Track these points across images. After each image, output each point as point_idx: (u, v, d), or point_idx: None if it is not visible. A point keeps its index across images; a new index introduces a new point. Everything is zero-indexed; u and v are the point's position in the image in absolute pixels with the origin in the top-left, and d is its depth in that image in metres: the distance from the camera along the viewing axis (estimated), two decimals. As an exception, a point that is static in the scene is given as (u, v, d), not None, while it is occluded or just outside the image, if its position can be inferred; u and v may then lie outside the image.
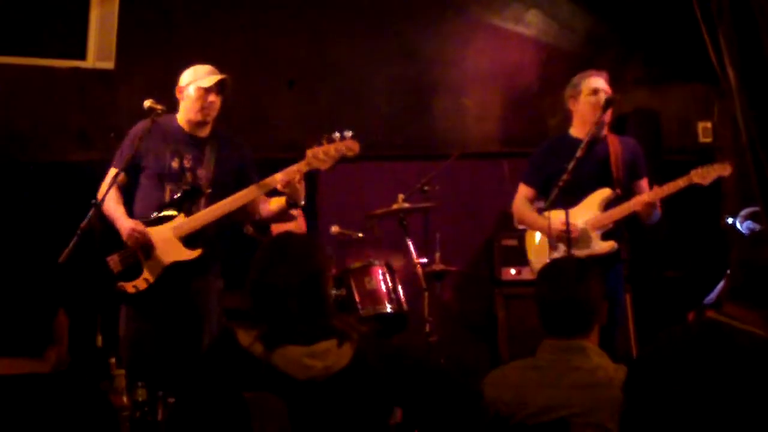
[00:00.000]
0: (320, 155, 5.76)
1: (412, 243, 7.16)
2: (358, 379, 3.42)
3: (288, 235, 3.82)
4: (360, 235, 7.55)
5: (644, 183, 6.43)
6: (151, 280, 5.70)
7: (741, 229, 6.90)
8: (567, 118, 6.56)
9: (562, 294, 3.77)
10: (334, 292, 6.90)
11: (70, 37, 6.81)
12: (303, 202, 5.93)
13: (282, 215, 6.08)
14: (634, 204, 6.20)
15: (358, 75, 8.77)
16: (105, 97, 6.07)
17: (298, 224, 7.43)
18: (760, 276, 3.13)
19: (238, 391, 3.35)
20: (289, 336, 3.39)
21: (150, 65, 7.53)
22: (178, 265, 5.74)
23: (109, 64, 6.90)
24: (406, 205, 7.20)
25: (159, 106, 5.76)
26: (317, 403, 3.36)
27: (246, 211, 5.97)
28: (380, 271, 7.05)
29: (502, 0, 8.95)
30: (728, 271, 3.26)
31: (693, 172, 6.14)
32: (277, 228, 7.29)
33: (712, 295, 6.81)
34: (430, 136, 8.84)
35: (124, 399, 4.67)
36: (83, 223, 5.32)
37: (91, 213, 5.35)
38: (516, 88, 8.95)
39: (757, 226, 6.81)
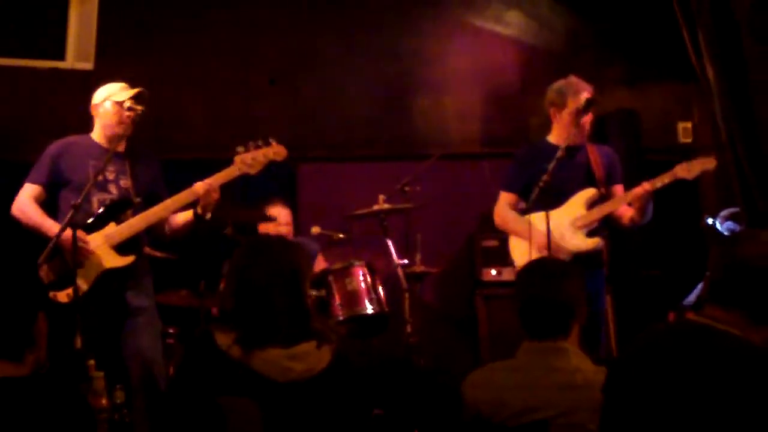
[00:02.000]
0: (248, 160, 5.94)
1: (393, 244, 7.15)
2: (338, 381, 3.41)
3: (266, 235, 3.83)
4: (341, 235, 7.53)
5: (620, 189, 6.42)
6: (85, 287, 5.75)
7: (721, 229, 6.91)
8: (548, 120, 6.56)
9: (540, 295, 3.76)
10: (314, 292, 6.89)
11: (49, 37, 6.78)
12: (209, 216, 5.99)
13: (187, 228, 6.14)
14: (633, 194, 6.16)
15: (339, 74, 8.76)
16: (84, 98, 6.05)
17: (282, 227, 7.47)
18: (738, 275, 3.12)
19: (216, 395, 3.34)
20: (268, 337, 3.38)
21: (130, 66, 7.50)
22: (112, 271, 5.83)
23: (88, 65, 6.88)
24: (387, 205, 7.20)
25: (131, 96, 5.90)
26: (297, 405, 3.35)
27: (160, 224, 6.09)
28: (361, 272, 7.01)
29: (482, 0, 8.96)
30: (707, 272, 3.25)
31: (678, 167, 6.14)
32: (286, 228, 7.42)
33: (692, 296, 6.82)
34: (411, 136, 8.83)
35: (103, 401, 4.63)
36: (62, 226, 5.47)
37: (69, 215, 5.45)
38: (497, 88, 8.95)
39: (737, 227, 6.82)
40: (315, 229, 7.50)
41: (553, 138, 6.40)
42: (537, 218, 6.02)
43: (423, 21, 8.86)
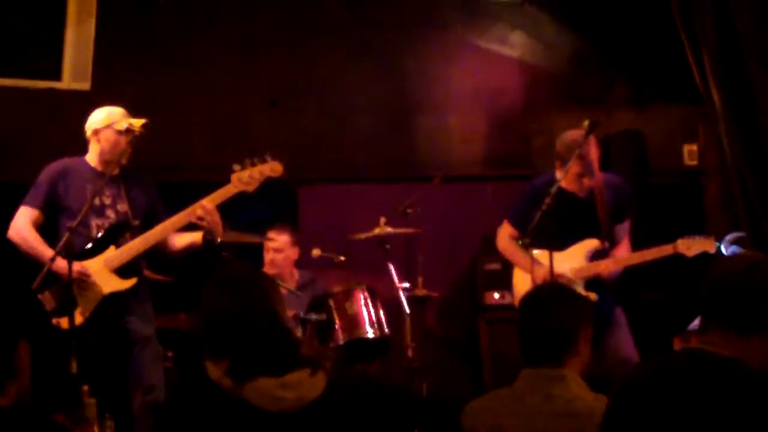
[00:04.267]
0: (245, 178, 5.85)
1: (394, 267, 7.08)
2: (332, 410, 3.35)
3: (233, 264, 3.79)
4: (342, 258, 7.46)
5: (625, 226, 6.52)
6: (87, 313, 5.74)
7: (726, 254, 6.83)
8: (552, 146, 6.51)
9: (539, 321, 3.72)
10: (314, 316, 6.87)
11: (46, 57, 6.76)
12: (219, 240, 5.92)
13: (190, 251, 6.10)
14: (614, 266, 6.37)
15: (341, 94, 8.70)
16: (81, 118, 6.00)
17: (288, 250, 7.42)
18: (716, 294, 3.13)
19: (209, 427, 3.28)
20: (258, 367, 3.32)
21: (126, 86, 7.45)
22: (114, 296, 5.80)
23: (85, 85, 6.85)
24: (389, 228, 7.12)
25: (137, 126, 5.82)
26: (289, 435, 3.28)
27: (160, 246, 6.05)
28: (362, 296, 6.97)
29: (486, 21, 8.89)
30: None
31: (680, 242, 6.30)
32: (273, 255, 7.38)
33: (697, 321, 6.73)
34: (413, 157, 8.76)
35: (95, 429, 4.58)
36: (57, 248, 5.44)
37: (65, 239, 5.40)
38: (500, 110, 8.89)
39: (742, 252, 6.76)
40: (315, 252, 7.44)
41: (564, 182, 6.31)
42: (540, 255, 6.05)
43: (426, 41, 8.81)
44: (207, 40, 8.50)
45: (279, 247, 7.42)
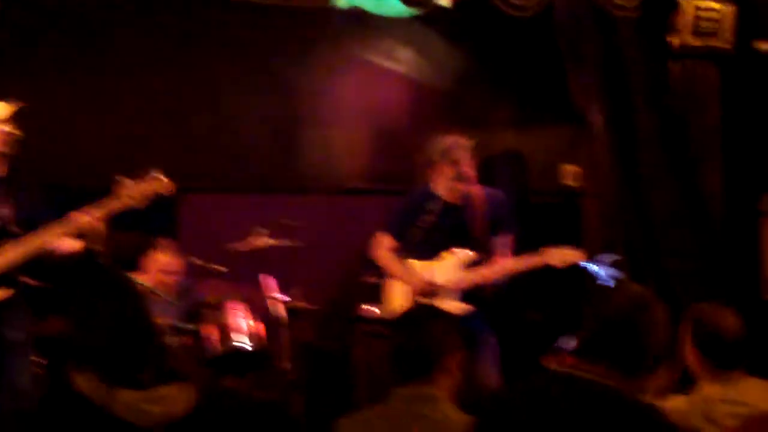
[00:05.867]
0: (136, 195, 5.81)
1: (273, 279, 7.05)
2: (200, 426, 3.32)
3: (108, 273, 3.73)
4: (221, 268, 7.40)
5: (506, 241, 6.59)
6: None
7: (601, 275, 6.94)
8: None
9: (409, 338, 3.77)
10: (190, 326, 6.80)
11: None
12: (102, 248, 5.83)
13: (72, 259, 5.98)
14: (487, 275, 6.43)
15: (227, 105, 8.61)
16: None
17: (171, 259, 7.34)
18: (604, 330, 3.16)
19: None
20: (125, 380, 3.27)
21: (12, 85, 7.30)
22: None
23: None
24: (270, 240, 7.10)
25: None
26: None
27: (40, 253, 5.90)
28: (239, 307, 6.94)
29: (374, 35, 8.90)
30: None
31: (548, 253, 6.42)
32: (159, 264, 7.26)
33: (570, 341, 6.83)
34: (297, 169, 8.71)
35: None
36: None
37: None
38: (385, 125, 8.90)
39: (618, 274, 6.88)
40: (195, 261, 7.37)
41: (438, 189, 6.38)
42: (416, 265, 6.08)
43: (314, 54, 8.78)
44: (99, 45, 8.36)
45: (168, 270, 7.32)
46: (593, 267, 6.92)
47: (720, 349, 4.35)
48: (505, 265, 6.40)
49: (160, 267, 7.24)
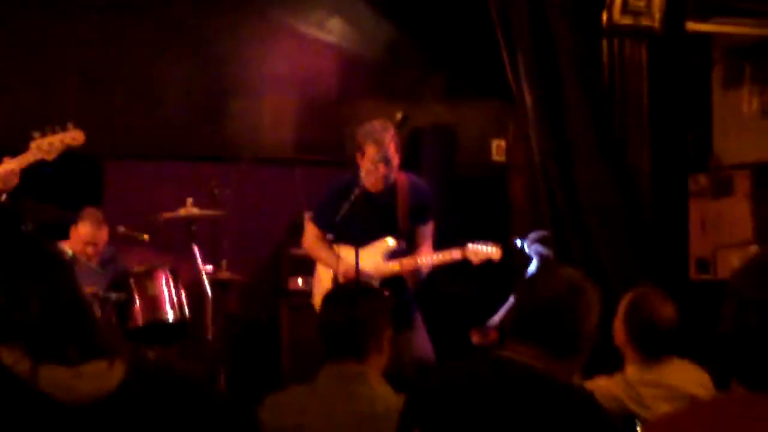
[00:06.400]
0: (45, 146, 5.68)
1: (199, 249, 6.97)
2: (130, 403, 3.24)
3: (29, 240, 3.57)
4: (146, 237, 7.31)
5: (427, 229, 6.56)
6: None
7: (529, 252, 6.96)
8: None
9: (342, 314, 3.72)
10: (114, 296, 6.72)
11: None
12: (4, 198, 5.72)
13: None
14: (407, 265, 6.42)
15: (154, 73, 8.47)
16: None
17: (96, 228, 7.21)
18: (534, 312, 3.15)
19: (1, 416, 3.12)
20: (52, 354, 3.17)
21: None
22: None
23: None
24: (195, 209, 7.00)
25: None
26: (84, 430, 3.15)
27: None
28: (164, 277, 6.88)
29: (305, 4, 8.83)
30: (512, 297, 3.28)
31: (469, 247, 6.38)
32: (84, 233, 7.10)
33: (496, 317, 6.88)
34: (224, 139, 8.61)
35: None
36: None
37: None
38: (314, 95, 8.84)
39: (545, 251, 6.91)
40: (120, 229, 7.27)
41: (364, 180, 6.35)
42: (344, 251, 6.15)
43: (243, 23, 8.67)
44: (19, 9, 8.18)
45: (93, 239, 7.18)
46: (521, 243, 6.96)
47: (652, 339, 4.37)
48: (424, 258, 6.40)
49: (84, 236, 7.10)
